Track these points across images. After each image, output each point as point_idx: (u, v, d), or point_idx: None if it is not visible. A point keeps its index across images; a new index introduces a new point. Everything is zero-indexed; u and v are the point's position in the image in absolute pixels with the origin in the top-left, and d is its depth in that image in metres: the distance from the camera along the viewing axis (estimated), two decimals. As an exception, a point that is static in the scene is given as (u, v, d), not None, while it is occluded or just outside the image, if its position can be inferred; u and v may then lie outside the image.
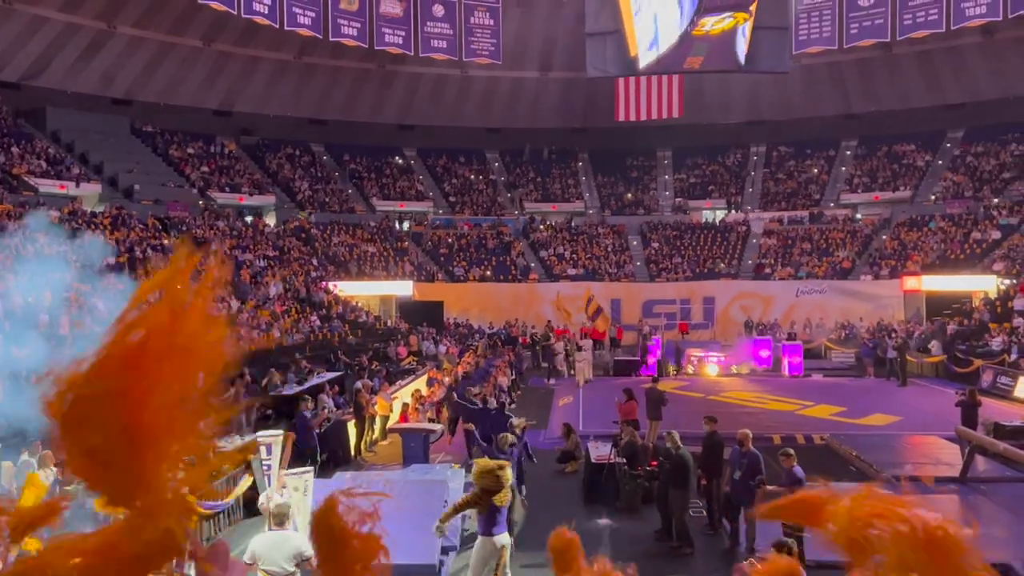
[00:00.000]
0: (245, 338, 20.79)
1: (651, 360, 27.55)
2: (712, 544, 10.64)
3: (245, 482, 11.47)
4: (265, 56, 37.14)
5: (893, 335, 29.12)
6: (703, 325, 33.30)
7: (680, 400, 21.29)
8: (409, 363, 24.87)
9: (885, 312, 32.16)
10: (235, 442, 13.29)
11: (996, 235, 33.96)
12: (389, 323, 30.89)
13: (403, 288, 34.19)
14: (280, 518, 6.92)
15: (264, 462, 11.54)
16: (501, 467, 7.78)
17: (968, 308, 30.57)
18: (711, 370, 26.78)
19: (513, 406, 21.96)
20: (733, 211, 41.03)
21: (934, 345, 27.34)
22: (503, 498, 7.69)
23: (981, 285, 31.58)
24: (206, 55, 36.02)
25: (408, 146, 43.82)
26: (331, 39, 34.38)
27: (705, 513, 11.36)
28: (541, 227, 40.20)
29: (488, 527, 7.72)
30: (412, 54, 36.67)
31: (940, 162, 39.96)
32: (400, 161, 43.71)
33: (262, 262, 30.06)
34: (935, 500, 12.30)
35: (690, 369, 27.50)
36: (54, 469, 8.41)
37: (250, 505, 11.20)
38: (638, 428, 14.82)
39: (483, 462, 8.05)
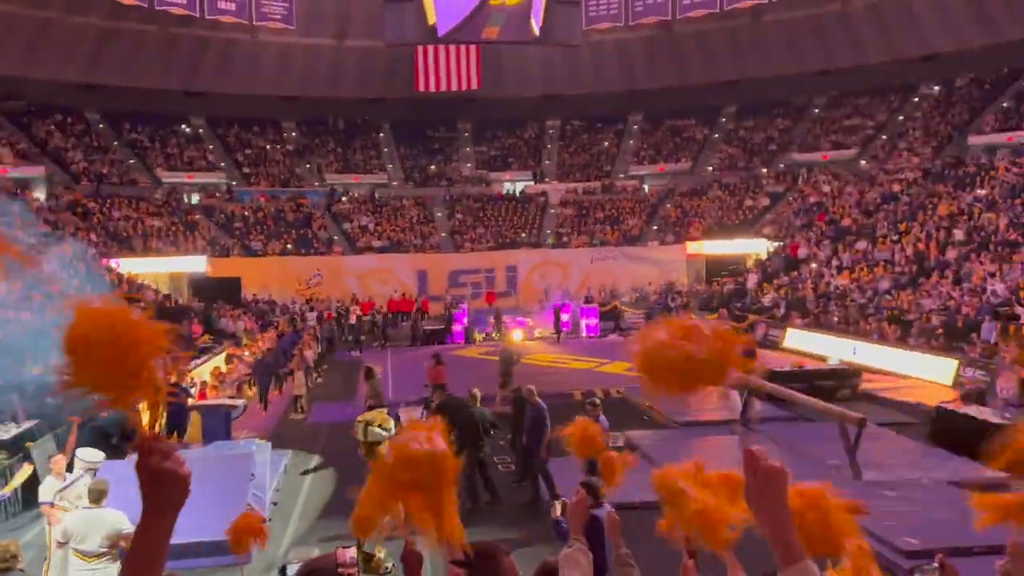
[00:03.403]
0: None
1: (457, 328, 27.99)
2: (520, 495, 11.01)
3: (23, 472, 10.51)
4: (24, 13, 33.51)
5: (677, 296, 31.28)
6: (507, 293, 34.10)
7: (488, 364, 21.77)
8: (205, 341, 23.69)
9: (671, 275, 34.44)
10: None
11: (766, 202, 37.23)
12: (180, 301, 29.18)
13: (195, 264, 32.35)
14: (97, 495, 6.46)
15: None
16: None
17: (741, 268, 33.40)
18: (516, 335, 27.54)
19: (319, 380, 21.60)
20: (534, 182, 42.17)
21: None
22: None
23: (754, 248, 34.53)
24: (-47, 8, 32.03)
25: (196, 114, 41.30)
26: (104, -4, 31.65)
27: (514, 467, 11.74)
28: (343, 199, 39.39)
29: None
30: (198, 16, 34.52)
31: (716, 135, 43.12)
32: (187, 130, 41.14)
33: (32, 240, 27.31)
34: (720, 441, 13.46)
35: (494, 335, 28.15)
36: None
37: (29, 497, 10.26)
38: (445, 390, 14.99)
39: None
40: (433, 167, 42.78)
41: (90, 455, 7.77)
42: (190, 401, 14.05)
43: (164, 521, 1.56)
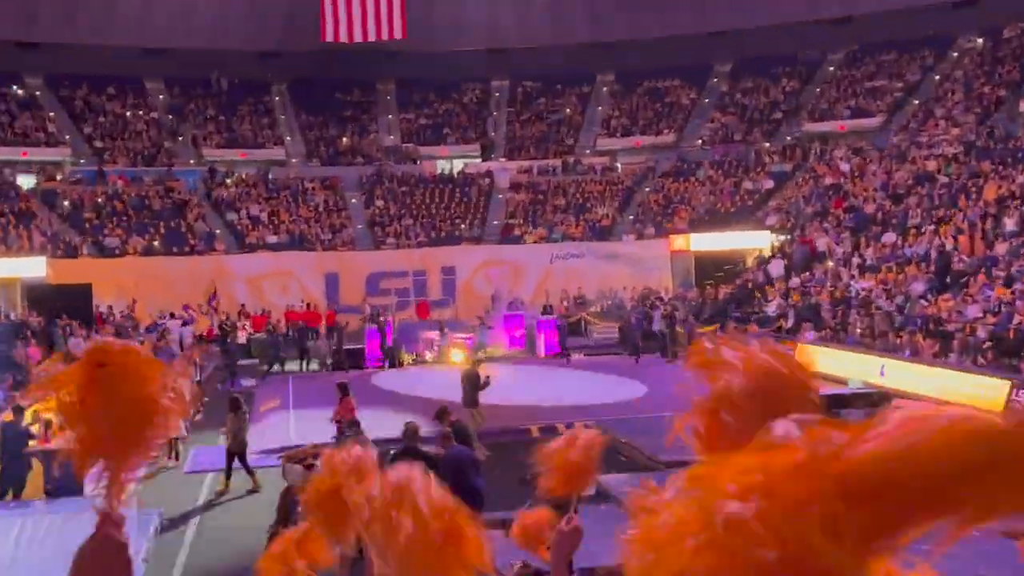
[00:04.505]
0: None
1: (376, 347, 27.87)
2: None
3: None
4: None
5: (660, 304, 31.55)
6: (443, 302, 34.02)
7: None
8: (46, 368, 23.26)
9: (652, 277, 34.76)
10: None
11: (769, 185, 37.85)
12: (13, 316, 28.59)
13: (32, 267, 31.68)
14: None
15: None
16: None
17: (740, 270, 33.86)
18: (456, 356, 27.53)
19: (198, 417, 21.32)
20: (480, 160, 42.22)
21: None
22: None
23: (755, 242, 35.00)
24: None
25: (31, 71, 40.50)
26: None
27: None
28: (227, 181, 38.99)
29: None
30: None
31: (707, 100, 43.76)
32: (20, 92, 40.34)
33: None
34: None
35: (428, 356, 28.12)
36: None
37: None
38: (359, 428, 14.96)
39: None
40: (345, 140, 42.58)
41: None
42: (31, 444, 13.78)
43: None
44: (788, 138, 40.17)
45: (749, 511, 1.18)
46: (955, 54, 39.95)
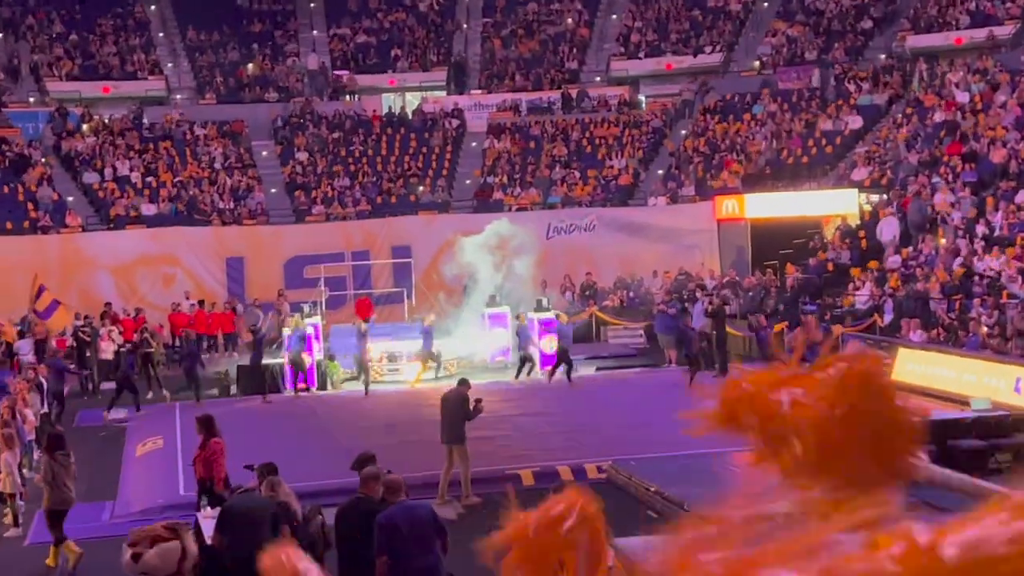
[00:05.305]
0: None
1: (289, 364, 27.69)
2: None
3: None
4: None
5: (703, 294, 31.43)
6: (395, 297, 33.82)
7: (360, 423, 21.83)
8: None
9: (691, 256, 34.77)
10: None
11: (856, 123, 37.77)
12: None
13: None
14: None
15: None
16: None
17: (816, 245, 33.78)
18: (409, 373, 27.48)
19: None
20: (445, 93, 42.19)
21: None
22: None
23: (837, 205, 34.90)
24: None
25: None
26: None
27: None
28: (84, 127, 38.81)
29: None
30: None
31: (766, 4, 43.70)
32: None
33: None
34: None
35: (376, 374, 28.03)
36: None
37: None
38: (228, 486, 14.98)
39: None
40: (251, 67, 42.41)
41: None
42: None
43: None
44: (882, 57, 40.14)
45: None
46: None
